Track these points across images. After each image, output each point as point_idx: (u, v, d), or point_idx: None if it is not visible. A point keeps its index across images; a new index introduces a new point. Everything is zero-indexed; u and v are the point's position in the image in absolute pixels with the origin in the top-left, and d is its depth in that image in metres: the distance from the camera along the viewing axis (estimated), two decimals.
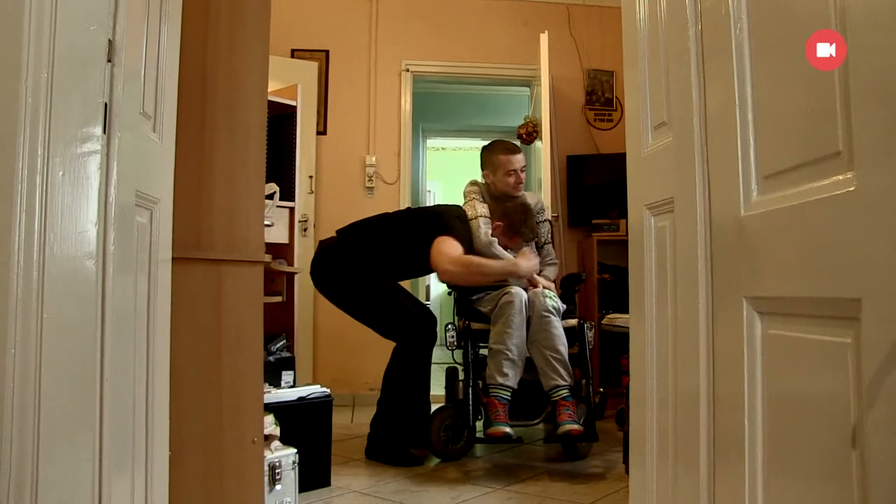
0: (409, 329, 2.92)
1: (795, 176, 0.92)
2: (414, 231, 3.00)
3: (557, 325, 2.83)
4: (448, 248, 2.85)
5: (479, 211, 3.04)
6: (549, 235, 3.36)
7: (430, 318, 3.00)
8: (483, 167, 3.25)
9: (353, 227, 3.11)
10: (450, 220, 2.96)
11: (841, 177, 0.81)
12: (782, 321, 0.97)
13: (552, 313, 2.83)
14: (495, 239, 3.00)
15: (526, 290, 2.93)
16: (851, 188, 0.79)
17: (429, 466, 2.80)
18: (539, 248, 3.27)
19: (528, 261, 2.95)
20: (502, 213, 3.07)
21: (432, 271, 3.09)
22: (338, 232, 3.11)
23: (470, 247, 2.97)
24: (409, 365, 2.92)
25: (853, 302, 0.78)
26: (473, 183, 3.25)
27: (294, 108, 3.25)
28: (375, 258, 2.98)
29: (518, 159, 3.17)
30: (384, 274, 2.98)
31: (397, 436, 2.91)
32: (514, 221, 3.04)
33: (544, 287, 2.99)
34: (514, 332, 2.78)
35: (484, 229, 2.99)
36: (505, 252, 3.02)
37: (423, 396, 2.98)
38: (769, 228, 0.98)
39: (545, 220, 3.35)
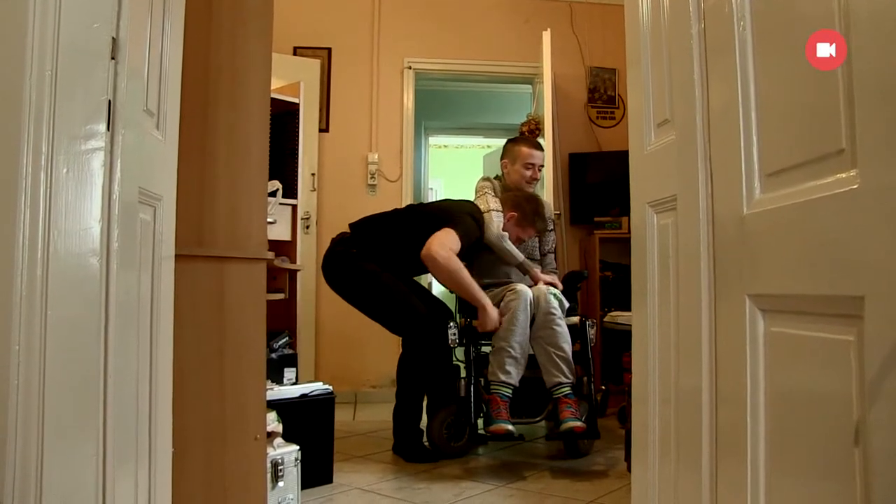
0: (412, 324, 2.93)
1: (798, 174, 0.92)
2: (426, 226, 3.01)
3: (562, 323, 2.83)
4: (447, 238, 2.84)
5: (492, 205, 3.05)
6: (553, 245, 3.38)
7: (439, 313, 3.00)
8: (503, 156, 3.32)
9: (365, 222, 3.12)
10: (459, 215, 2.96)
11: (844, 175, 0.81)
12: (785, 319, 0.97)
13: (557, 311, 2.83)
14: (507, 234, 3.00)
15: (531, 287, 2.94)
16: (855, 186, 0.79)
17: (431, 464, 2.80)
18: (542, 256, 3.29)
19: (494, 313, 2.85)
20: (514, 203, 3.08)
21: None
22: (350, 226, 3.12)
23: (473, 245, 2.97)
24: (416, 360, 2.94)
25: (856, 300, 0.78)
26: (486, 179, 3.28)
27: (296, 105, 3.26)
28: (387, 253, 2.98)
29: (539, 155, 3.25)
30: (396, 269, 2.98)
31: (412, 432, 2.92)
32: (527, 211, 3.05)
33: (548, 283, 3.00)
34: (518, 329, 2.78)
35: (497, 222, 3.00)
36: (515, 249, 3.03)
37: (423, 393, 2.99)
38: (772, 226, 0.98)
39: (552, 230, 3.36)
